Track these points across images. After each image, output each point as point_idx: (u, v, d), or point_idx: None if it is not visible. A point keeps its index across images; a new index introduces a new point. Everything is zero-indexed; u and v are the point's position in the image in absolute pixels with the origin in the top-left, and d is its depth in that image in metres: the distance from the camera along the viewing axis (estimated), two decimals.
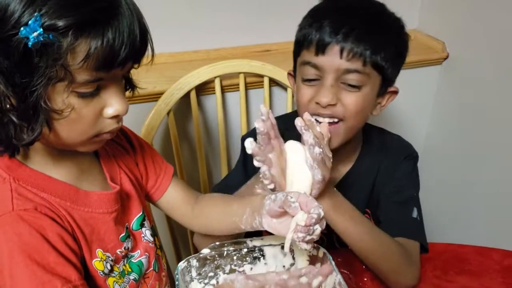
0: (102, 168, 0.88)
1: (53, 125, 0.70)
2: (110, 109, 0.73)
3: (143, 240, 0.92)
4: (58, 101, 0.68)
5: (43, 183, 0.76)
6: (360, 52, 0.94)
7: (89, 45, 0.64)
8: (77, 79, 0.66)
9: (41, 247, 0.71)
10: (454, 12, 1.79)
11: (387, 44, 0.97)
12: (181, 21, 1.57)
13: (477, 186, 1.79)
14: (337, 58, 0.94)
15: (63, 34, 0.62)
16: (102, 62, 0.66)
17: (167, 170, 1.01)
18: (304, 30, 0.99)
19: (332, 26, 0.94)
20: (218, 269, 0.90)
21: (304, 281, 0.65)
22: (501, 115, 1.66)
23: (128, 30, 0.67)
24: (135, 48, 0.69)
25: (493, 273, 1.03)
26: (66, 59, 0.64)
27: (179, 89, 1.46)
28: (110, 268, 0.83)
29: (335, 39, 0.94)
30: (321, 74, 0.97)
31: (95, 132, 0.74)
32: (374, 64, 0.96)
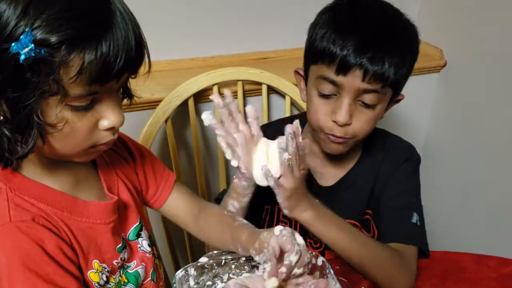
0: (100, 177, 0.87)
1: (47, 138, 0.69)
2: (105, 121, 0.72)
3: (139, 251, 0.91)
4: (51, 115, 0.66)
5: (40, 193, 0.76)
6: (383, 75, 0.92)
7: (83, 59, 0.63)
8: (70, 93, 0.65)
9: (40, 259, 0.70)
10: (451, 19, 1.80)
11: (407, 62, 0.97)
12: (178, 28, 1.57)
13: (474, 191, 1.79)
14: (358, 80, 0.93)
15: (55, 49, 0.61)
16: (96, 76, 0.65)
17: (168, 179, 1.01)
18: (325, 43, 0.95)
19: (357, 47, 0.91)
20: (216, 278, 0.89)
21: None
22: (499, 122, 1.66)
23: (123, 41, 0.66)
24: (131, 60, 0.68)
25: (490, 281, 1.02)
26: (59, 74, 0.63)
27: (177, 97, 1.45)
28: (106, 279, 0.83)
29: (360, 62, 0.91)
30: (339, 91, 0.96)
31: (90, 144, 0.73)
32: (393, 84, 0.95)
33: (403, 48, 0.96)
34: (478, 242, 1.75)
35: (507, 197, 1.68)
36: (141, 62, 0.72)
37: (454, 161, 1.90)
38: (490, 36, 1.64)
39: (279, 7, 1.66)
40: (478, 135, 1.76)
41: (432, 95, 1.94)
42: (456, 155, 1.89)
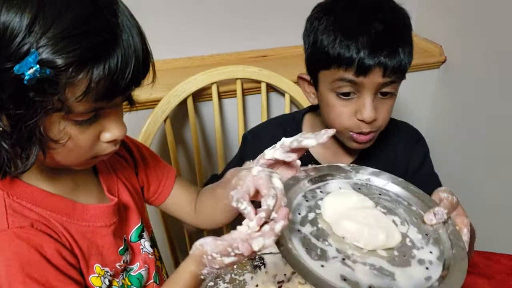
0: (99, 180, 0.86)
1: (49, 152, 0.67)
2: (108, 134, 0.71)
3: (142, 252, 0.90)
4: (54, 131, 0.65)
5: (38, 198, 0.74)
6: (400, 66, 0.94)
7: (90, 79, 0.61)
8: (75, 110, 0.63)
9: (40, 265, 0.69)
10: (451, 15, 1.79)
11: (412, 46, 0.98)
12: (176, 27, 1.56)
13: (474, 190, 1.78)
14: (379, 77, 0.94)
15: (62, 70, 0.59)
16: (103, 94, 0.63)
17: (169, 174, 0.99)
18: (339, 49, 0.94)
19: (373, 48, 0.92)
20: (218, 278, 0.89)
21: (266, 229, 0.64)
22: (499, 118, 1.65)
23: (131, 57, 0.64)
24: (138, 75, 0.66)
25: (505, 276, 1.02)
26: (64, 94, 0.61)
27: (176, 96, 1.44)
28: (109, 283, 0.81)
29: (378, 61, 0.92)
30: (359, 90, 0.96)
31: (92, 155, 0.72)
32: (406, 70, 0.98)
33: (408, 33, 0.99)
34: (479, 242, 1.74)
35: (508, 195, 1.67)
36: (146, 74, 0.70)
37: (454, 158, 1.89)
38: (490, 32, 1.63)
39: (277, 4, 1.65)
40: (477, 132, 1.76)
41: (431, 91, 1.94)
42: (455, 152, 1.88)
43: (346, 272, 0.65)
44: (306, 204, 0.75)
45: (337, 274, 0.64)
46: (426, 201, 0.79)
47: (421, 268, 0.68)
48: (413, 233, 0.74)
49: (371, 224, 0.71)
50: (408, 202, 0.80)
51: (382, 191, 0.82)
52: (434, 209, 0.76)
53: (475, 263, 1.05)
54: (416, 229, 0.74)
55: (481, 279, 1.01)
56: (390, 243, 0.70)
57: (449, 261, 0.69)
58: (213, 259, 0.65)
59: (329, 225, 0.72)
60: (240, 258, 0.65)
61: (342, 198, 0.77)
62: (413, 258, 0.69)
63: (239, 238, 0.64)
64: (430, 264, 0.68)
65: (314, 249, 0.67)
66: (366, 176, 0.83)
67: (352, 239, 0.70)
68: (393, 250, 0.70)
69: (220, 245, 0.65)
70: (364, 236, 0.69)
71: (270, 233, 0.63)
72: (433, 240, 0.73)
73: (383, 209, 0.77)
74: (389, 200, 0.80)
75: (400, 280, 0.65)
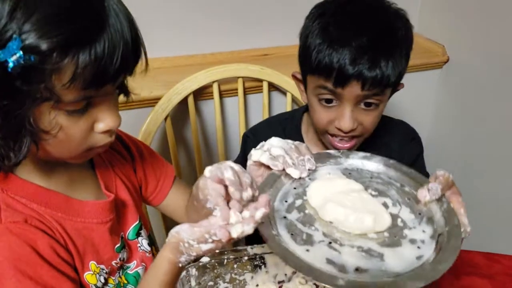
0: (96, 176, 0.85)
1: (41, 144, 0.66)
2: (101, 124, 0.69)
3: (140, 250, 0.89)
4: (45, 121, 0.63)
5: (33, 193, 0.73)
6: (381, 80, 0.91)
7: (76, 65, 0.59)
8: (64, 100, 0.62)
9: (33, 261, 0.69)
10: (454, 15, 1.78)
11: (404, 56, 0.95)
12: (177, 25, 1.55)
13: (477, 189, 1.77)
14: (358, 89, 0.92)
15: (46, 56, 0.57)
16: (91, 80, 0.61)
17: (167, 173, 0.98)
18: (320, 56, 0.93)
19: (352, 59, 0.90)
20: (218, 278, 0.88)
21: (246, 216, 0.63)
22: (501, 118, 1.64)
23: (119, 42, 0.62)
24: (127, 60, 0.64)
25: (505, 277, 1.01)
26: (51, 81, 0.59)
27: (177, 94, 1.43)
28: (104, 281, 0.81)
29: (357, 73, 0.90)
30: (340, 98, 0.95)
31: (86, 147, 0.71)
32: (393, 84, 0.95)
33: (397, 45, 0.94)
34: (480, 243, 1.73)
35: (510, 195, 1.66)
36: (138, 61, 0.68)
37: (456, 157, 1.88)
38: (493, 32, 1.63)
39: (279, 2, 1.64)
40: (480, 131, 1.75)
41: (434, 91, 1.93)
42: (457, 151, 1.87)
43: (332, 255, 0.63)
44: (294, 192, 0.74)
45: (323, 258, 0.63)
46: (420, 181, 0.78)
47: (412, 247, 0.66)
48: (405, 213, 0.72)
49: (358, 208, 0.70)
50: (401, 183, 0.79)
51: (374, 174, 0.81)
52: (428, 185, 0.74)
53: (475, 263, 1.05)
54: (409, 209, 0.73)
55: (482, 279, 1.00)
56: (378, 227, 0.69)
57: (442, 238, 0.68)
58: (190, 246, 0.63)
59: (316, 210, 0.71)
60: (218, 245, 0.63)
61: (328, 183, 0.76)
62: (404, 238, 0.68)
63: (216, 224, 0.62)
64: (422, 243, 0.67)
65: (300, 234, 0.66)
66: (357, 161, 0.82)
67: (339, 223, 0.69)
68: (383, 232, 0.69)
69: (197, 231, 0.63)
70: (351, 220, 0.68)
71: (250, 219, 0.62)
72: (426, 219, 0.72)
73: (374, 192, 0.76)
74: (381, 182, 0.79)
75: (390, 261, 0.64)
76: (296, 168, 0.75)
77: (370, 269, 0.62)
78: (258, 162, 0.77)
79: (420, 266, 0.63)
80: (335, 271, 0.61)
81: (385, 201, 0.74)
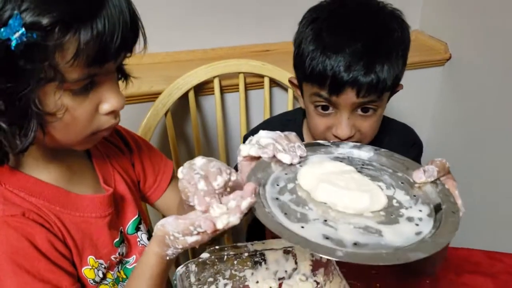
0: (95, 170, 0.85)
1: (48, 129, 0.66)
2: (106, 104, 0.69)
3: (139, 245, 0.89)
4: (50, 103, 0.63)
5: (31, 186, 0.73)
6: (377, 86, 0.90)
7: (78, 40, 0.59)
8: (68, 78, 0.62)
9: (30, 255, 0.68)
10: (456, 12, 1.78)
11: (401, 63, 0.94)
12: (179, 20, 1.54)
13: (479, 187, 1.77)
14: (353, 96, 0.91)
15: (48, 32, 0.57)
16: (94, 57, 0.62)
17: (166, 169, 0.98)
18: (314, 64, 0.92)
19: (346, 67, 0.89)
20: (218, 274, 0.87)
21: (232, 205, 0.62)
22: (504, 116, 1.64)
23: (118, 19, 0.62)
24: (127, 37, 0.65)
25: (507, 276, 1.01)
26: (54, 58, 0.59)
27: (177, 89, 1.43)
28: (103, 275, 0.80)
29: (351, 81, 0.89)
30: (336, 106, 0.94)
31: (92, 130, 0.71)
32: (389, 88, 0.94)
33: (393, 48, 0.93)
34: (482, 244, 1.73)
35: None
36: (137, 39, 0.69)
37: (458, 155, 1.87)
38: (495, 29, 1.62)
39: None
40: (482, 129, 1.74)
41: (436, 89, 1.92)
42: (460, 149, 1.87)
43: (329, 232, 0.62)
44: (285, 177, 0.73)
45: (319, 234, 0.61)
46: (413, 167, 0.77)
47: (410, 224, 0.65)
48: (400, 195, 0.71)
49: (352, 187, 0.69)
50: (394, 169, 0.78)
51: (365, 162, 0.80)
52: (425, 167, 0.73)
53: (477, 261, 1.05)
54: (403, 191, 0.72)
55: (484, 278, 1.00)
56: (374, 206, 0.67)
57: (440, 215, 0.67)
58: (176, 239, 0.63)
59: (308, 192, 0.70)
60: (204, 237, 0.62)
61: (318, 166, 0.74)
62: (401, 217, 0.67)
63: (202, 216, 0.62)
64: (420, 221, 0.66)
65: (293, 214, 0.65)
66: (347, 150, 0.81)
67: (333, 204, 0.67)
68: (378, 211, 0.67)
69: (181, 223, 0.62)
70: (346, 200, 0.67)
71: (235, 209, 0.61)
72: (421, 200, 0.71)
73: (366, 177, 0.75)
74: (373, 169, 0.78)
75: (388, 236, 0.62)
76: (287, 153, 0.73)
77: (369, 243, 0.61)
78: (249, 157, 0.75)
79: (420, 240, 0.62)
80: (333, 245, 0.60)
81: (379, 185, 0.73)
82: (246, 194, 0.62)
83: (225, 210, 0.63)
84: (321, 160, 0.77)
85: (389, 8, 0.97)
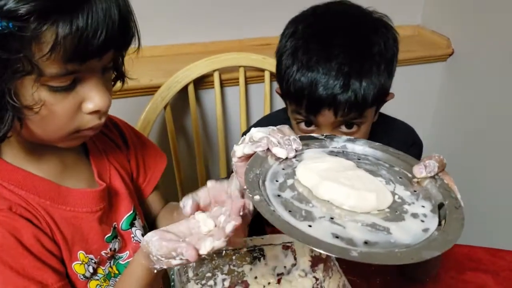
0: (91, 164, 0.83)
1: (25, 121, 0.64)
2: (89, 103, 0.66)
3: (133, 241, 0.87)
4: (27, 96, 0.61)
5: (21, 179, 0.71)
6: (357, 104, 0.87)
7: (56, 33, 0.57)
8: (46, 73, 0.60)
9: (15, 251, 0.67)
10: (458, 7, 1.77)
11: (386, 76, 0.91)
12: (178, 13, 1.53)
13: (481, 183, 1.77)
14: (331, 116, 0.88)
15: (25, 21, 0.56)
16: (73, 53, 0.59)
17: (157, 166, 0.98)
18: (290, 82, 0.89)
19: (322, 86, 0.86)
20: (216, 269, 0.87)
21: (215, 230, 0.62)
22: (506, 111, 1.63)
23: (104, 14, 0.59)
24: (113, 36, 0.61)
25: (509, 273, 1.00)
26: (30, 50, 0.57)
27: (177, 83, 1.42)
28: (93, 270, 0.79)
29: (328, 100, 0.86)
30: (316, 125, 0.92)
31: (73, 128, 0.68)
32: (372, 104, 0.90)
33: (373, 62, 0.89)
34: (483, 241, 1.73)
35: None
36: (128, 39, 0.66)
37: (460, 151, 1.87)
38: (498, 24, 1.61)
39: None
40: (484, 125, 1.74)
41: (438, 84, 1.92)
42: (462, 145, 1.87)
43: (337, 230, 0.60)
44: (283, 172, 0.71)
45: (327, 233, 0.60)
46: (409, 160, 0.76)
47: (416, 221, 0.64)
48: (400, 190, 0.70)
49: (357, 186, 0.67)
50: (390, 164, 0.77)
51: (361, 156, 0.78)
52: (425, 162, 0.71)
53: (479, 258, 1.04)
54: (403, 187, 0.71)
55: (486, 275, 1.00)
56: (381, 205, 0.66)
57: (444, 211, 0.66)
58: (159, 260, 0.62)
59: (309, 189, 0.68)
60: (188, 262, 0.62)
61: (317, 161, 0.73)
62: (406, 213, 0.66)
63: (184, 243, 0.60)
64: (425, 217, 0.65)
65: (298, 211, 0.63)
66: (341, 143, 0.80)
67: (338, 203, 0.65)
68: (383, 209, 0.67)
69: (164, 246, 0.61)
70: (352, 199, 0.65)
71: (220, 233, 0.60)
72: (422, 195, 0.70)
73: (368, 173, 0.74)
74: (370, 163, 0.76)
75: (397, 234, 0.61)
76: (282, 147, 0.70)
77: (379, 242, 0.60)
78: (244, 156, 0.74)
79: (429, 237, 0.62)
80: (344, 244, 0.59)
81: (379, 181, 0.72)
82: (233, 212, 0.62)
83: (212, 227, 0.63)
84: (319, 156, 0.76)
85: (374, 16, 0.93)
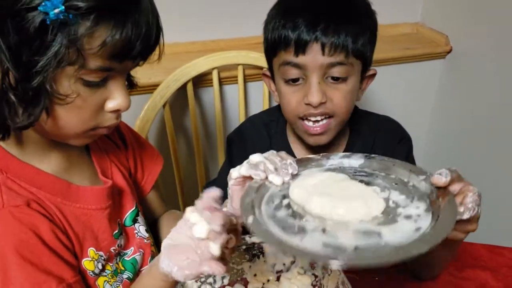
0: (93, 162, 0.85)
1: (53, 111, 0.66)
2: (113, 102, 0.70)
3: (137, 237, 0.89)
4: (65, 85, 0.64)
5: (32, 176, 0.73)
6: (341, 44, 0.91)
7: (108, 33, 0.62)
8: (88, 65, 0.63)
9: (35, 246, 0.68)
10: (457, 5, 1.77)
11: (364, 29, 0.94)
12: (178, 11, 1.53)
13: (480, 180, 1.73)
14: (319, 55, 0.91)
15: (84, 16, 0.59)
16: (117, 52, 0.64)
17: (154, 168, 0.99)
18: (277, 30, 0.94)
19: (308, 23, 0.90)
20: None
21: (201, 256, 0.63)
22: (504, 108, 1.63)
23: (146, 26, 0.66)
24: (149, 45, 0.68)
25: (508, 269, 1.00)
26: (82, 42, 0.61)
27: (176, 81, 1.42)
28: (102, 267, 0.80)
29: (314, 36, 0.90)
30: (305, 73, 0.94)
31: (94, 124, 0.71)
32: (356, 52, 0.93)
33: (357, 15, 0.95)
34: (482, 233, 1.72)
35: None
36: (154, 50, 0.72)
37: (459, 148, 1.88)
38: (496, 21, 1.61)
39: None
40: (483, 122, 1.74)
41: (437, 81, 1.92)
42: (460, 142, 1.86)
43: (328, 240, 0.62)
44: (279, 194, 0.73)
45: (319, 242, 0.61)
46: (408, 167, 0.77)
47: (409, 221, 0.65)
48: (395, 196, 0.71)
49: (345, 195, 0.69)
50: (386, 172, 0.77)
51: (357, 169, 0.80)
52: (439, 171, 0.72)
53: (478, 255, 1.04)
54: (398, 192, 0.72)
55: (484, 272, 1.00)
56: (373, 211, 0.67)
57: (437, 209, 0.67)
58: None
59: (301, 206, 0.69)
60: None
61: (307, 178, 0.74)
62: (399, 216, 0.67)
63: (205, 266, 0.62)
64: (418, 217, 0.66)
65: (292, 227, 0.65)
66: (338, 160, 0.81)
67: (328, 214, 0.67)
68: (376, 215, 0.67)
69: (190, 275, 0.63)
70: (340, 209, 0.66)
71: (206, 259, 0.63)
72: (417, 196, 0.71)
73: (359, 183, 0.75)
74: (365, 175, 0.78)
75: (389, 236, 0.62)
76: (278, 174, 0.73)
77: (370, 246, 0.61)
78: (241, 178, 0.74)
79: (421, 235, 0.62)
80: (332, 252, 0.60)
81: (373, 189, 0.73)
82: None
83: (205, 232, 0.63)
84: (311, 172, 0.77)
85: None
